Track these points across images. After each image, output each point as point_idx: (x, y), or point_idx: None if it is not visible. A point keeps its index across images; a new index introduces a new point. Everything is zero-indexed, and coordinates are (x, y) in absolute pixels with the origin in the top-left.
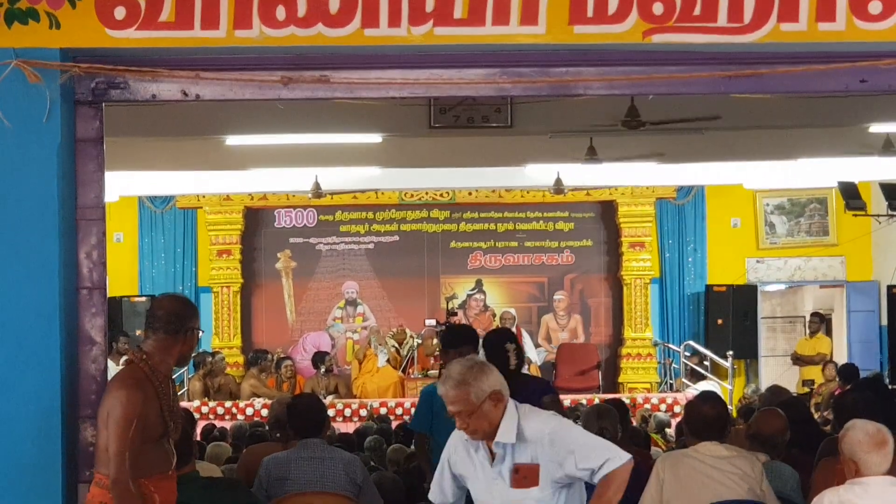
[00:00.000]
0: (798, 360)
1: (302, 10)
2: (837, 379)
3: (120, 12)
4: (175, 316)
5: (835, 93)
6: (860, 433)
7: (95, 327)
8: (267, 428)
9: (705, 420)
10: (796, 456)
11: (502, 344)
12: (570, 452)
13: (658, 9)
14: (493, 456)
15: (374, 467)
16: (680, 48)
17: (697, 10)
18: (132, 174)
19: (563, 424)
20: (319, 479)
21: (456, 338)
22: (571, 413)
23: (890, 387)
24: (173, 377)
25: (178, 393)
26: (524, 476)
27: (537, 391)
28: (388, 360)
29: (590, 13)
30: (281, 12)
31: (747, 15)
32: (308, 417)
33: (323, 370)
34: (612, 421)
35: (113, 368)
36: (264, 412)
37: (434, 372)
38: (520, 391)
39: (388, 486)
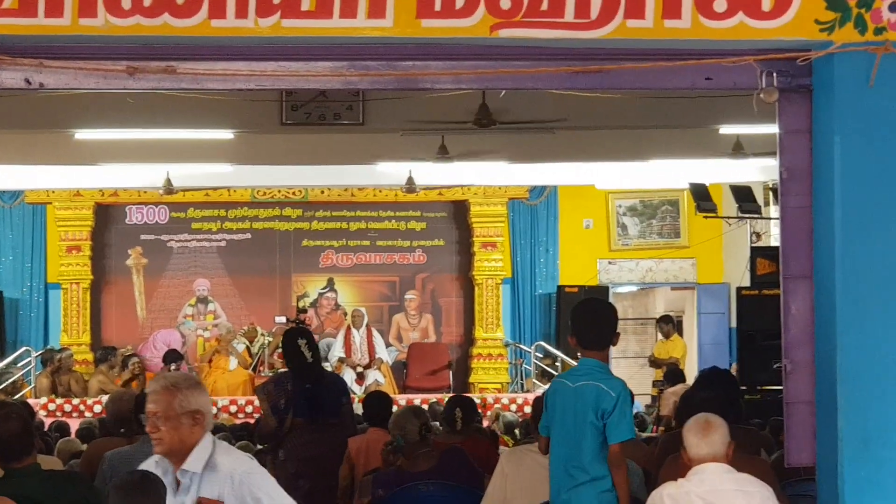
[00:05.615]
0: (654, 362)
1: None
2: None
3: None
4: None
5: (680, 90)
6: (691, 421)
7: None
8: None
9: None
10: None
11: (294, 340)
12: (256, 500)
13: (505, 4)
14: (178, 484)
15: None
16: (527, 43)
17: (545, 6)
18: None
19: (258, 470)
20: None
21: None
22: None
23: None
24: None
25: (25, 390)
26: None
27: (336, 389)
28: (238, 363)
29: (437, 7)
30: (127, 1)
31: (594, 11)
32: None
33: (173, 367)
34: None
35: None
36: None
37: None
38: (319, 380)
39: None
